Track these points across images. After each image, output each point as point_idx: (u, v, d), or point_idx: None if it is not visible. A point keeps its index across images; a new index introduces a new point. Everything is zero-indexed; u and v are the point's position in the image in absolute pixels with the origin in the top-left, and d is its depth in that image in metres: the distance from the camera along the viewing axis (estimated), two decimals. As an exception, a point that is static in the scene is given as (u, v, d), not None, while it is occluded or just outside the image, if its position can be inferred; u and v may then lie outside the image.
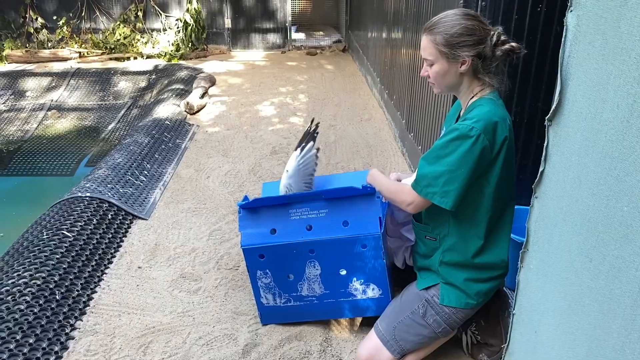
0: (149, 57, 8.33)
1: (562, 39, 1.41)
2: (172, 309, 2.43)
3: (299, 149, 2.29)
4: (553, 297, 1.45)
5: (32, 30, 8.67)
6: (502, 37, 1.68)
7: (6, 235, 3.74)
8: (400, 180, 2.20)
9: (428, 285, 1.94)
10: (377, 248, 2.03)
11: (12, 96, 6.71)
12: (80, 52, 8.45)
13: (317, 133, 2.44)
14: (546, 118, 1.45)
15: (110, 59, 8.33)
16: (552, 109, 1.42)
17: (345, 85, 6.56)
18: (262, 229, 2.12)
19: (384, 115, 5.17)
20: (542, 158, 1.50)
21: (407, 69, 3.98)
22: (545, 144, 1.48)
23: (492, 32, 1.68)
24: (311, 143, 2.36)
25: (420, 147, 3.51)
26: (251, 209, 2.15)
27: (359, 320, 2.32)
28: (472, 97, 1.74)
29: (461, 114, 1.82)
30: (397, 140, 4.37)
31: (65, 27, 8.51)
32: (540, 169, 1.51)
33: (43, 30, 8.63)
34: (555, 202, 1.44)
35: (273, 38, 9.11)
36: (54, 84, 6.94)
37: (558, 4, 2.40)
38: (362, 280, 2.12)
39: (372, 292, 2.13)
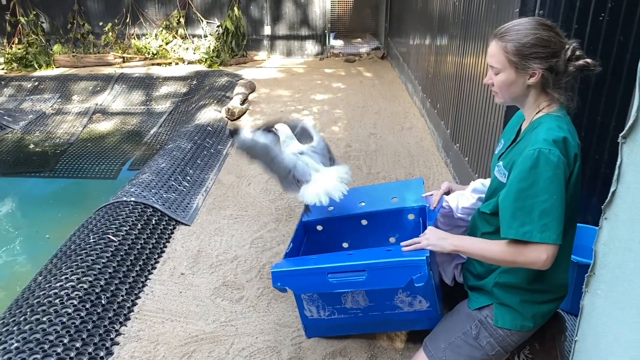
0: (190, 62, 8.46)
1: (642, 52, 1.32)
2: (214, 317, 2.42)
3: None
4: (625, 326, 1.36)
5: (79, 36, 8.94)
6: (578, 52, 1.58)
7: (52, 237, 3.82)
8: (450, 192, 2.11)
9: (481, 306, 1.86)
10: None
11: (60, 99, 6.91)
12: (123, 57, 8.67)
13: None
14: (620, 135, 1.36)
15: (153, 64, 8.50)
16: (627, 126, 1.33)
17: (384, 93, 6.49)
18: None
19: (425, 124, 5.08)
20: (615, 177, 1.41)
21: (453, 77, 3.89)
22: (618, 163, 1.39)
23: (567, 46, 1.58)
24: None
25: (467, 159, 3.41)
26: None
27: (404, 335, 2.26)
28: (538, 112, 1.66)
29: (522, 127, 1.74)
30: (441, 151, 4.28)
31: (110, 33, 8.74)
32: (612, 189, 1.42)
33: (89, 35, 8.89)
34: (629, 226, 1.35)
35: (311, 45, 9.13)
36: (98, 88, 7.12)
37: (622, 13, 2.29)
38: (408, 293, 2.04)
39: (419, 304, 2.05)
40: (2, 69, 8.41)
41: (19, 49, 8.49)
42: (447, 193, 2.18)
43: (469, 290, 1.97)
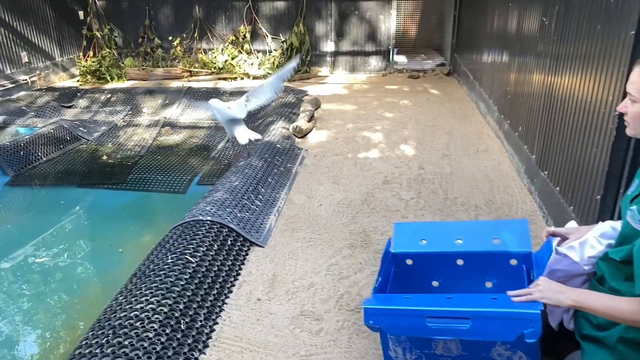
0: (255, 78, 8.54)
1: None
2: (294, 350, 2.31)
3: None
4: None
5: (149, 50, 9.23)
6: None
7: (125, 251, 3.85)
8: (567, 236, 1.91)
9: (600, 362, 1.66)
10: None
11: (130, 112, 7.10)
12: (190, 71, 8.86)
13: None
14: None
15: (219, 78, 8.64)
16: None
17: (454, 111, 6.28)
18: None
19: (502, 147, 4.84)
20: None
21: (541, 99, 3.66)
22: None
23: None
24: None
25: (558, 188, 3.17)
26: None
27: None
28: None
29: (663, 167, 1.54)
30: (522, 177, 4.03)
31: (178, 47, 8.97)
32: None
33: (159, 49, 9.16)
34: None
35: (375, 61, 9.04)
36: (167, 102, 7.27)
37: None
38: (509, 346, 1.85)
39: None
40: (78, 81, 8.78)
41: (93, 62, 8.85)
42: (554, 235, 1.99)
43: (582, 340, 1.77)
